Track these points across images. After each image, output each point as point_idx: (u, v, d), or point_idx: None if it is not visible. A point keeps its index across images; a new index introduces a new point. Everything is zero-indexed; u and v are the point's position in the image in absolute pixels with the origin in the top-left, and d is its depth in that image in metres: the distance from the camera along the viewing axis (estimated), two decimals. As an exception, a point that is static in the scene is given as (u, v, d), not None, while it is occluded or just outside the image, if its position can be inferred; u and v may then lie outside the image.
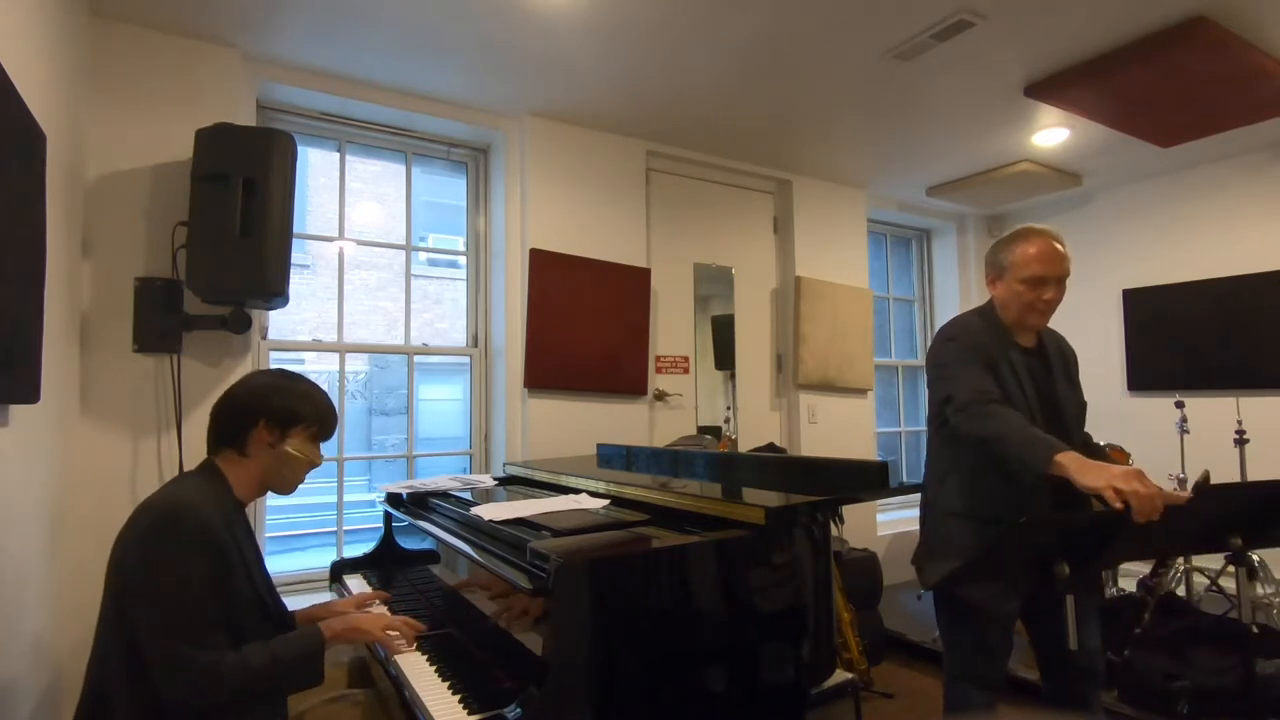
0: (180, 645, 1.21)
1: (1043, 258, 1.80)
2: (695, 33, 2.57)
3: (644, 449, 2.71)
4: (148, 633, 1.22)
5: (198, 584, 1.25)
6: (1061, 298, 1.83)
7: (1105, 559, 1.59)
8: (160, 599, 1.23)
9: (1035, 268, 1.79)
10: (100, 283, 2.34)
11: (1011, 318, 1.86)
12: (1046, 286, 1.80)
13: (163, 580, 1.24)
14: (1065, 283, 1.83)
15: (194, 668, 1.21)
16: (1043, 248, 1.81)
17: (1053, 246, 1.82)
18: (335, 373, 3.21)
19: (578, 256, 3.33)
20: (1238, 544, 1.45)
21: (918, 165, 4.08)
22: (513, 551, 1.45)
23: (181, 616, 1.23)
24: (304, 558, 6.11)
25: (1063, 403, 1.84)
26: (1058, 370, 1.87)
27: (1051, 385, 1.85)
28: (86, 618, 1.32)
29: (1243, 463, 3.23)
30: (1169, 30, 2.54)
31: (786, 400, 4.10)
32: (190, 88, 2.50)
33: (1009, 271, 1.84)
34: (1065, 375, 1.89)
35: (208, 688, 1.22)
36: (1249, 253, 3.93)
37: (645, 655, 1.29)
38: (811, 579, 1.52)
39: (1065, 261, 1.82)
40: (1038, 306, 1.81)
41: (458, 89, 3.01)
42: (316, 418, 1.51)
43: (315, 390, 1.54)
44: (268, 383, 1.51)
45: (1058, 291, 1.82)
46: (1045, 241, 1.82)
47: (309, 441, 1.51)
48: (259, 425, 1.45)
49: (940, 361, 1.86)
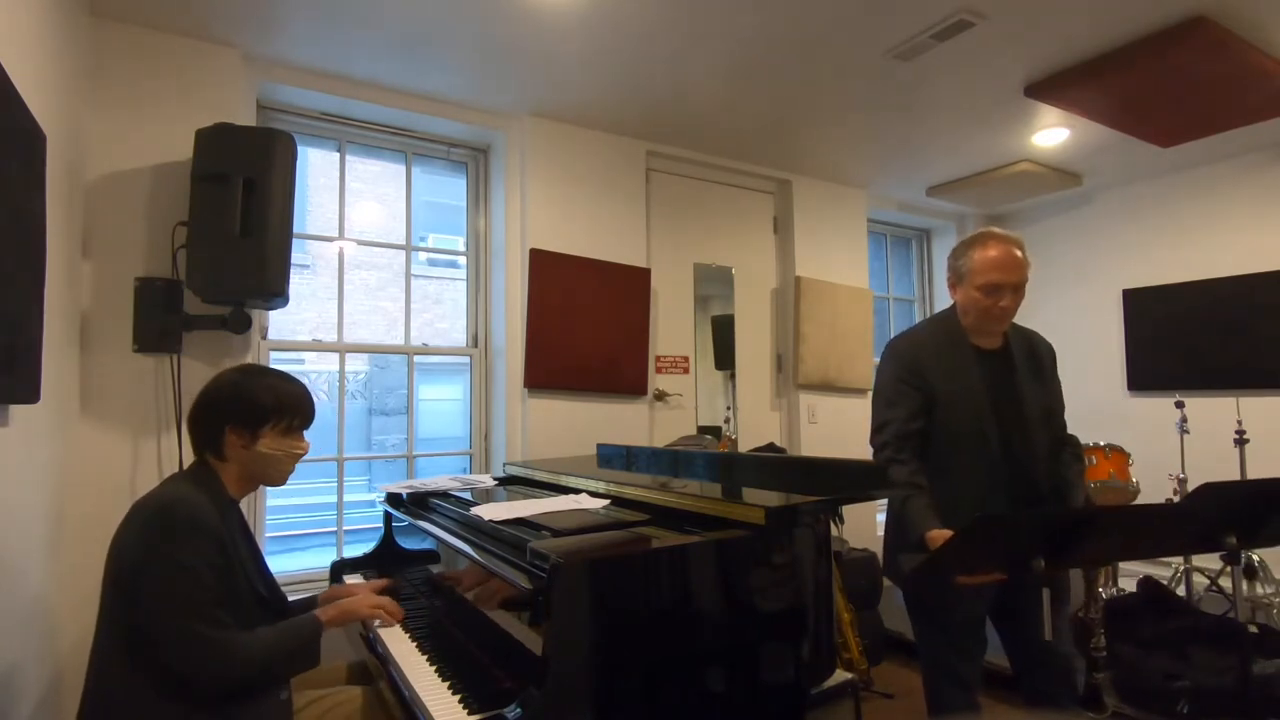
0: (194, 623, 1.25)
1: (999, 264, 1.79)
2: (695, 33, 2.57)
3: (644, 449, 2.71)
4: (159, 616, 1.25)
5: (202, 568, 1.28)
6: (1019, 303, 1.83)
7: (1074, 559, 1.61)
8: (169, 583, 1.25)
9: (992, 275, 1.79)
10: (100, 283, 2.34)
11: (970, 323, 1.88)
12: (1003, 293, 1.79)
13: (168, 566, 1.26)
14: (1024, 288, 1.82)
15: (208, 644, 1.25)
16: (999, 254, 1.80)
17: (1010, 253, 1.80)
18: (335, 373, 3.21)
19: (578, 256, 3.33)
20: (1233, 543, 1.45)
21: (918, 165, 4.08)
22: (513, 551, 1.45)
23: (193, 597, 1.26)
24: (304, 558, 6.10)
25: (1026, 402, 1.85)
26: (1023, 370, 1.88)
27: (1013, 386, 1.86)
28: (87, 616, 1.32)
29: (1243, 463, 3.23)
30: (1169, 30, 2.54)
31: (786, 400, 4.10)
32: (190, 88, 2.50)
33: (967, 278, 1.84)
34: (1033, 374, 1.90)
35: (223, 663, 1.26)
36: (1249, 253, 3.92)
37: (645, 655, 1.29)
38: (812, 579, 1.52)
39: (1023, 268, 1.81)
40: (994, 313, 1.82)
41: (458, 89, 3.01)
42: (284, 412, 1.49)
43: (280, 383, 1.51)
44: (227, 386, 1.48)
45: (1014, 298, 1.81)
46: (1002, 247, 1.81)
47: (283, 436, 1.49)
48: (226, 432, 1.44)
49: (877, 384, 1.94)
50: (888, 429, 1.83)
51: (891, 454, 1.80)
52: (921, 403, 1.82)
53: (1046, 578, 1.47)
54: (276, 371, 1.56)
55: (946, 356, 1.86)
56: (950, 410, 1.82)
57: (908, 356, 1.88)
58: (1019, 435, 1.81)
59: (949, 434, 1.82)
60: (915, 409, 1.82)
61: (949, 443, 1.82)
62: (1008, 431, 1.81)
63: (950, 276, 1.92)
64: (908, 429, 1.80)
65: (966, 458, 1.81)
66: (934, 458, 1.83)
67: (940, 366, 1.84)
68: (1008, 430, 1.81)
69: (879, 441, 1.85)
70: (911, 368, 1.85)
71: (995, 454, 1.80)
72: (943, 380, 1.83)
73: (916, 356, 1.87)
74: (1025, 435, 1.81)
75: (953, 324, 1.91)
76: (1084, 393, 4.48)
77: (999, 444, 1.80)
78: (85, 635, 1.33)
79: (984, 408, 1.81)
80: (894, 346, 1.95)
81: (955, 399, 1.82)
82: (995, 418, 1.81)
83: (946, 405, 1.82)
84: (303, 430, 1.55)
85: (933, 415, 1.83)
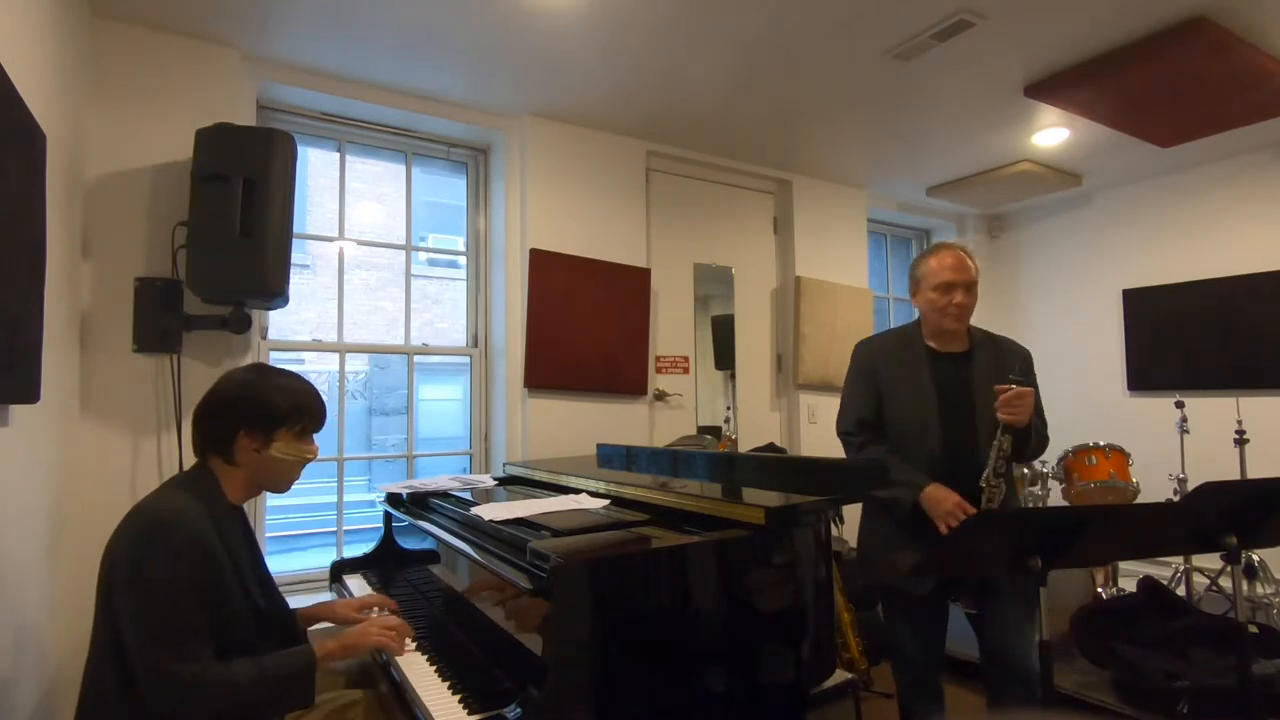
0: (161, 657, 1.19)
1: (950, 266, 1.99)
2: (695, 33, 2.57)
3: (644, 449, 2.71)
4: (132, 645, 1.21)
5: (183, 595, 1.22)
6: (973, 303, 2.01)
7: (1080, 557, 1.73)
8: (143, 611, 1.21)
9: (945, 275, 1.99)
10: (100, 283, 2.34)
11: (931, 325, 2.06)
12: (955, 291, 1.98)
13: (147, 591, 1.22)
14: (975, 289, 2.01)
15: (176, 681, 1.19)
16: (950, 258, 2.01)
17: (959, 256, 2.01)
18: (335, 373, 3.21)
19: (578, 256, 3.33)
20: (1233, 543, 1.45)
21: (918, 165, 4.08)
22: (513, 551, 1.45)
23: (164, 629, 1.20)
24: (304, 558, 6.11)
25: (978, 402, 1.96)
26: (982, 370, 2.00)
27: (966, 386, 1.99)
28: (86, 618, 1.31)
29: (1243, 463, 3.23)
30: (1169, 30, 2.54)
31: (786, 400, 4.10)
32: (190, 88, 2.50)
33: (922, 282, 2.05)
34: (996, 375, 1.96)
35: (190, 701, 1.20)
36: (1249, 253, 3.93)
37: (645, 655, 1.29)
38: (811, 579, 1.52)
39: (971, 269, 2.01)
40: (950, 311, 1.99)
41: (458, 89, 3.01)
42: (299, 415, 1.45)
43: (294, 384, 1.47)
44: (241, 387, 1.44)
45: (967, 296, 1.99)
46: (952, 253, 2.03)
47: (296, 440, 1.46)
48: (239, 435, 1.41)
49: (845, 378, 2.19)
50: (846, 419, 2.11)
51: (853, 440, 2.07)
52: (873, 396, 2.06)
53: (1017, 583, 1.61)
54: (288, 372, 1.51)
55: (898, 355, 2.07)
56: (894, 403, 2.02)
57: (864, 357, 2.14)
58: (965, 432, 1.95)
59: (896, 426, 2.02)
60: (867, 401, 2.06)
61: (896, 435, 2.02)
62: (952, 427, 1.95)
63: (911, 286, 2.12)
64: (863, 416, 2.06)
65: (912, 451, 1.97)
66: None
67: (891, 364, 2.06)
68: (953, 426, 1.95)
69: (842, 428, 2.12)
70: (864, 370, 2.10)
71: (936, 449, 1.95)
72: (892, 377, 2.04)
73: (871, 357, 2.12)
74: (973, 432, 1.94)
75: (912, 331, 2.12)
76: (1084, 393, 4.49)
77: (942, 439, 1.95)
78: (84, 637, 1.32)
79: (929, 404, 1.98)
80: (855, 347, 2.21)
81: (901, 394, 2.02)
82: (940, 415, 1.97)
83: (891, 398, 2.03)
84: (313, 434, 1.52)
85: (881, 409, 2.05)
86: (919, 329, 2.11)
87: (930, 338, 2.07)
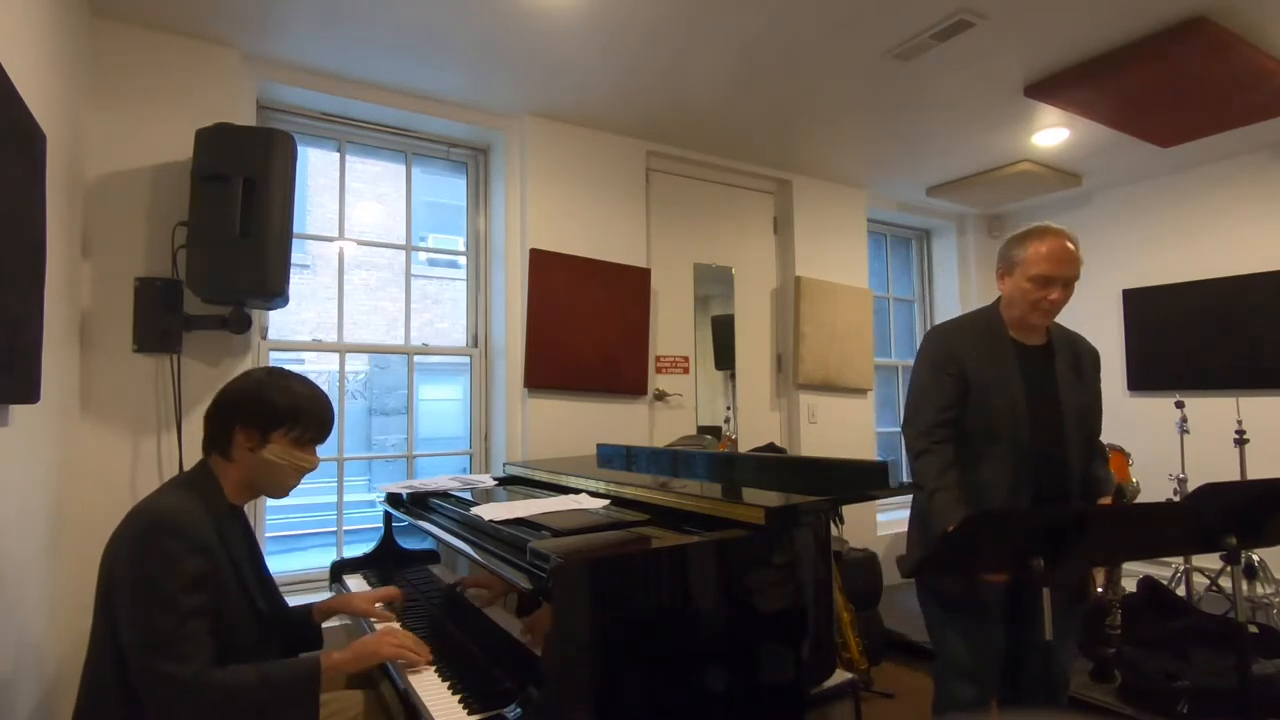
0: (156, 660, 1.18)
1: (1053, 257, 1.79)
2: (695, 33, 2.57)
3: (644, 449, 2.71)
4: (129, 646, 1.21)
5: (180, 597, 1.22)
6: (1067, 299, 1.83)
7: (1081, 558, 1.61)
8: (140, 613, 1.21)
9: (1044, 266, 1.78)
10: (100, 283, 2.34)
11: (1015, 315, 1.88)
12: (1053, 286, 1.79)
13: (144, 593, 1.21)
14: (1074, 285, 1.82)
15: (171, 684, 1.18)
16: (1054, 247, 1.80)
17: (1065, 247, 1.80)
18: (335, 373, 3.21)
19: (578, 256, 3.33)
20: (1233, 543, 1.45)
21: (918, 165, 4.08)
22: (513, 551, 1.45)
23: (160, 631, 1.20)
24: (304, 558, 6.11)
25: (1063, 401, 1.84)
26: (1063, 368, 1.87)
27: (1052, 384, 1.85)
28: (86, 618, 1.31)
29: (1243, 463, 3.23)
30: (1169, 30, 2.54)
31: (786, 400, 4.10)
32: (190, 88, 2.49)
33: (1018, 268, 1.83)
34: (1074, 373, 1.88)
35: (185, 704, 1.19)
36: (1249, 253, 3.92)
37: (645, 655, 1.29)
38: (811, 579, 1.52)
39: (1076, 264, 1.81)
40: (1042, 305, 1.81)
41: (458, 89, 3.01)
42: (296, 420, 1.43)
43: (300, 389, 1.45)
44: (247, 384, 1.44)
45: (1064, 293, 1.81)
46: (1058, 241, 1.80)
47: (293, 446, 1.43)
48: (236, 430, 1.40)
49: (913, 373, 1.96)
50: (921, 418, 1.84)
51: (925, 445, 1.81)
52: (956, 391, 1.82)
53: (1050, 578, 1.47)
54: (301, 378, 1.48)
55: (983, 345, 1.86)
56: (983, 398, 1.81)
57: (944, 344, 1.89)
58: (1052, 431, 1.80)
59: (982, 422, 1.82)
60: (950, 398, 1.82)
61: (981, 432, 1.82)
62: (1041, 425, 1.80)
63: (1000, 266, 1.90)
64: (942, 418, 1.81)
65: (998, 448, 1.80)
66: (965, 447, 1.82)
67: (976, 354, 1.84)
68: (1041, 424, 1.80)
69: (912, 432, 1.86)
70: (948, 354, 1.86)
71: (1026, 447, 1.79)
72: (978, 367, 1.83)
73: (952, 343, 1.88)
74: (1059, 431, 1.80)
75: (993, 317, 1.91)
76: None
77: (1030, 437, 1.79)
78: (83, 637, 1.31)
79: (1019, 399, 1.80)
80: (930, 334, 1.97)
81: (989, 387, 1.81)
82: (1029, 410, 1.80)
83: (979, 392, 1.82)
84: (315, 444, 1.49)
85: (966, 403, 1.83)
86: (998, 315, 1.90)
87: (1011, 327, 1.88)
